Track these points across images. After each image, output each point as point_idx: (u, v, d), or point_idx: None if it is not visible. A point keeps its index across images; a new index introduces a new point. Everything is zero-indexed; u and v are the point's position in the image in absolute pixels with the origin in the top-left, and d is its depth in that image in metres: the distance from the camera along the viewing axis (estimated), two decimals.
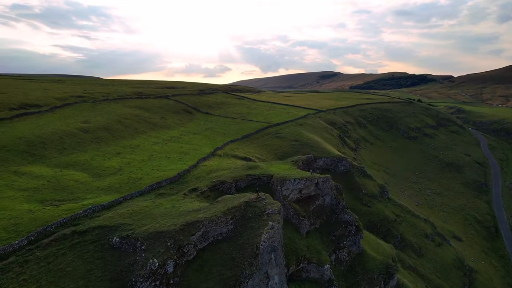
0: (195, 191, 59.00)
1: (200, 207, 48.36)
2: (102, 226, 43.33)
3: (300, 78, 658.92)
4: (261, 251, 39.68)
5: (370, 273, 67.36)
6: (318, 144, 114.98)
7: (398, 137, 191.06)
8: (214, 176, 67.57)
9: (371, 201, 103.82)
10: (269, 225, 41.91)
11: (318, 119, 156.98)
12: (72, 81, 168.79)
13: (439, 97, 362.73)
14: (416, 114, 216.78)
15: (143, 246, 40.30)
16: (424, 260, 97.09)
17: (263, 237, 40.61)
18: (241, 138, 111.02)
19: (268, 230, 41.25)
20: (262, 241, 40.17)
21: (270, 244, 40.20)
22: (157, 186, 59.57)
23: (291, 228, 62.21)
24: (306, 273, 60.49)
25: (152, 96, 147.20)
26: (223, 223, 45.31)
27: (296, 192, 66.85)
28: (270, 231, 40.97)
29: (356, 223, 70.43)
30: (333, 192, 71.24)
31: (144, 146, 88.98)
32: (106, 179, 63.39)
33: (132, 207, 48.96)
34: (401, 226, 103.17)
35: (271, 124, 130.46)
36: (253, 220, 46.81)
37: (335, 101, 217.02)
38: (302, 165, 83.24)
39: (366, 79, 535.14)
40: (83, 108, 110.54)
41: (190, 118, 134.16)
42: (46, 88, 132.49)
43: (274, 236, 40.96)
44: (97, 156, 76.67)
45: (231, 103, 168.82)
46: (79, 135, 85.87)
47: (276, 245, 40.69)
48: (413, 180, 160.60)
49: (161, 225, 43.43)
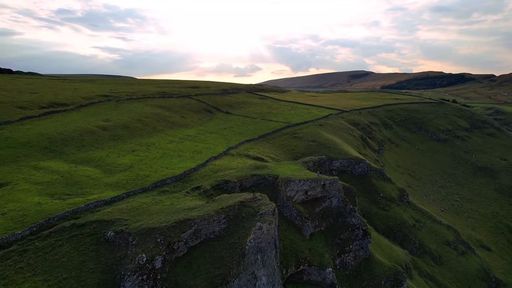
0: (198, 190, 59.89)
1: (196, 205, 49.07)
2: (99, 220, 45.17)
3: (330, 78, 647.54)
4: (247, 251, 39.61)
5: (377, 279, 65.12)
6: (335, 145, 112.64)
7: (426, 139, 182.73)
8: (220, 175, 68.22)
9: (388, 204, 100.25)
10: (257, 226, 41.70)
11: (341, 119, 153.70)
12: (102, 81, 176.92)
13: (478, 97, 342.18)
14: (448, 116, 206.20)
15: (135, 241, 41.58)
16: (444, 269, 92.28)
17: (249, 238, 40.51)
18: (258, 138, 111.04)
19: (255, 231, 41.08)
20: (248, 242, 40.08)
21: (256, 245, 40.01)
22: (161, 184, 61.12)
23: (293, 230, 61.55)
24: (308, 276, 59.60)
25: (175, 96, 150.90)
26: (216, 222, 45.69)
27: (301, 194, 65.97)
28: (257, 232, 40.78)
29: (363, 227, 68.34)
30: (341, 194, 69.55)
31: (159, 144, 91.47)
32: (115, 176, 65.91)
33: (131, 203, 50.62)
34: (420, 232, 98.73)
35: (290, 124, 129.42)
36: (246, 220, 46.81)
37: (361, 101, 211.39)
38: (312, 166, 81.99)
39: (398, 78, 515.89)
40: (107, 107, 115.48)
41: (210, 117, 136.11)
42: (76, 88, 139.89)
43: (261, 237, 40.70)
44: (112, 153, 79.83)
45: (252, 102, 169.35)
46: (98, 133, 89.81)
47: (263, 246, 40.41)
48: (440, 185, 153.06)
49: (154, 221, 44.57)
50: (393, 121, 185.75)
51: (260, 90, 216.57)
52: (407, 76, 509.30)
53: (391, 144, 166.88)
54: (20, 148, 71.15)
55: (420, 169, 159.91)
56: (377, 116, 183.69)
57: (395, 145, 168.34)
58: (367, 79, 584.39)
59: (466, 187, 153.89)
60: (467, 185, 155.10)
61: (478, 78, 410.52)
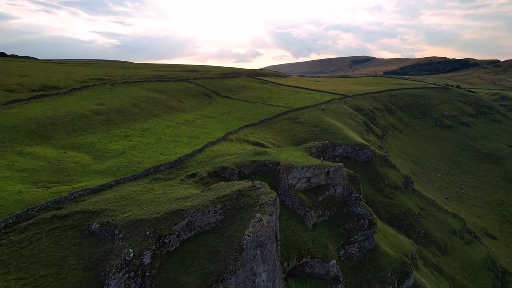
0: (194, 177, 55.58)
1: (190, 194, 44.80)
2: (84, 211, 40.98)
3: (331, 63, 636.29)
4: (245, 246, 35.48)
5: (383, 271, 61.46)
6: (339, 131, 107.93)
7: (431, 125, 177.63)
8: (217, 161, 63.82)
9: (393, 192, 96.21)
10: (256, 218, 37.46)
11: (343, 104, 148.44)
12: (98, 65, 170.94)
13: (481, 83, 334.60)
14: (453, 101, 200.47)
15: (121, 234, 37.43)
16: (450, 259, 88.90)
17: (248, 231, 36.32)
18: (258, 123, 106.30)
19: (254, 223, 36.87)
20: (246, 236, 35.88)
21: (256, 239, 35.87)
22: (154, 171, 56.79)
23: (295, 220, 57.54)
24: (310, 268, 55.91)
25: (173, 80, 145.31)
26: (211, 212, 41.48)
27: (304, 181, 61.71)
28: (256, 225, 36.59)
29: (369, 217, 64.32)
30: (346, 182, 65.28)
31: (154, 129, 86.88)
32: (106, 162, 61.57)
33: (120, 192, 46.35)
34: (425, 221, 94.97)
35: (292, 109, 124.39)
36: (244, 210, 42.59)
37: (364, 86, 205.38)
38: (315, 152, 77.48)
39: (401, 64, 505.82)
40: (101, 91, 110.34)
41: (209, 101, 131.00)
42: (70, 71, 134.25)
43: (261, 230, 36.56)
44: (105, 138, 75.33)
45: (253, 87, 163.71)
46: (91, 117, 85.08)
47: (263, 240, 36.29)
48: (444, 172, 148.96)
49: (143, 212, 40.35)
50: (397, 107, 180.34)
51: (261, 74, 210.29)
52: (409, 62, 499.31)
53: (395, 130, 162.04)
54: (5, 133, 66.57)
55: (424, 155, 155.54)
56: (380, 101, 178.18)
57: (399, 131, 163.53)
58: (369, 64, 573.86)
59: (470, 174, 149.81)
60: (472, 172, 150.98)
61: (483, 64, 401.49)
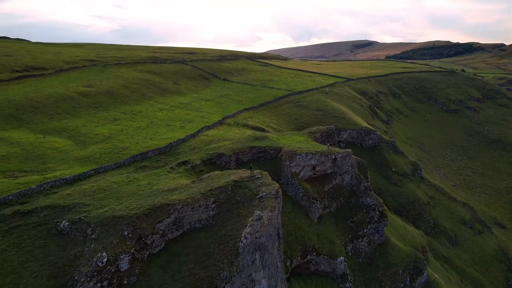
0: (185, 165, 49.06)
1: (178, 186, 38.33)
2: (53, 206, 34.56)
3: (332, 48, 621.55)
4: (242, 249, 29.22)
5: (394, 267, 55.77)
6: (343, 115, 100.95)
7: (436, 109, 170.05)
8: (212, 147, 57.20)
9: (401, 180, 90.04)
10: (255, 216, 31.07)
11: (347, 87, 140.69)
12: (92, 46, 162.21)
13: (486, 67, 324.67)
14: (459, 85, 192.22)
15: (94, 234, 31.12)
16: (460, 250, 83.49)
17: (245, 232, 29.97)
18: (258, 107, 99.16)
19: (253, 222, 30.50)
20: (243, 238, 29.55)
21: (254, 241, 29.59)
22: (141, 158, 50.19)
23: (299, 212, 51.37)
24: (315, 266, 50.10)
25: (168, 61, 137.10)
26: (203, 207, 35.09)
27: (308, 169, 55.29)
28: (255, 224, 30.25)
29: (380, 208, 58.21)
30: (354, 170, 58.87)
31: (146, 113, 79.92)
32: (89, 148, 54.98)
33: (99, 183, 39.88)
34: (434, 210, 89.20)
35: (293, 92, 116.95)
36: (242, 205, 36.19)
37: (367, 70, 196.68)
38: (320, 138, 70.80)
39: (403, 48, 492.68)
40: (91, 72, 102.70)
41: (206, 84, 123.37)
42: (59, 51, 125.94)
43: (261, 230, 30.28)
44: (90, 122, 68.54)
45: (252, 69, 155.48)
46: (77, 99, 78.01)
47: (263, 242, 30.05)
48: (450, 158, 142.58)
49: (122, 207, 33.95)
50: (402, 91, 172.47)
51: (261, 57, 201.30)
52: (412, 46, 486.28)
53: (400, 115, 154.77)
54: None
55: (430, 141, 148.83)
56: (384, 85, 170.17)
57: (404, 116, 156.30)
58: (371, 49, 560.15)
59: (478, 161, 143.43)
60: (479, 159, 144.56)
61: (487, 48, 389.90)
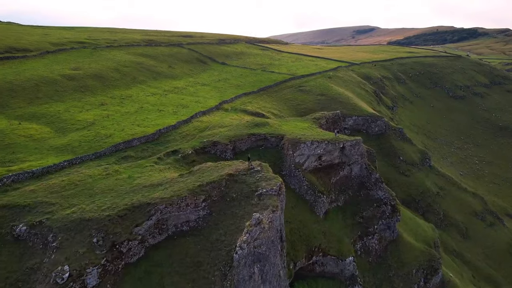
0: (175, 154, 42.91)
1: (163, 180, 32.24)
2: (10, 206, 28.54)
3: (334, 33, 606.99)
4: (237, 262, 23.31)
5: (407, 267, 50.29)
6: (348, 100, 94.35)
7: (442, 95, 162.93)
8: (207, 134, 50.95)
9: (409, 169, 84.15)
10: (253, 220, 25.01)
11: (351, 72, 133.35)
12: (83, 29, 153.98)
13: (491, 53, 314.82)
14: (466, 70, 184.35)
15: (56, 241, 25.18)
16: (472, 244, 78.23)
17: (241, 241, 23.97)
18: (257, 91, 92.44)
19: (251, 228, 24.49)
20: (238, 247, 23.57)
21: (252, 252, 23.65)
22: (125, 147, 43.93)
23: (303, 208, 45.51)
24: (321, 267, 44.50)
25: (164, 44, 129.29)
26: (191, 207, 29.09)
27: (313, 159, 49.18)
28: (253, 230, 24.26)
29: (392, 202, 52.36)
30: (364, 160, 52.75)
31: (137, 97, 73.36)
32: (68, 136, 48.70)
33: (71, 176, 33.79)
34: (444, 201, 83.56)
35: (295, 76, 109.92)
36: (238, 203, 30.18)
37: (371, 54, 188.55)
38: (326, 124, 64.47)
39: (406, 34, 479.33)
40: (80, 55, 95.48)
41: (203, 68, 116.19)
42: (47, 33, 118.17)
43: (261, 238, 24.34)
44: (75, 107, 62.07)
45: (252, 53, 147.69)
46: (62, 83, 71.29)
47: (263, 251, 24.15)
48: (457, 146, 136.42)
49: (93, 207, 27.93)
50: (407, 76, 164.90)
51: (261, 41, 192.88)
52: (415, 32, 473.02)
53: (405, 101, 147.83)
54: None
55: (436, 128, 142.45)
56: (389, 70, 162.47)
57: (409, 102, 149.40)
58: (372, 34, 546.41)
59: (485, 149, 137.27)
60: (487, 147, 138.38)
61: (492, 33, 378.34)
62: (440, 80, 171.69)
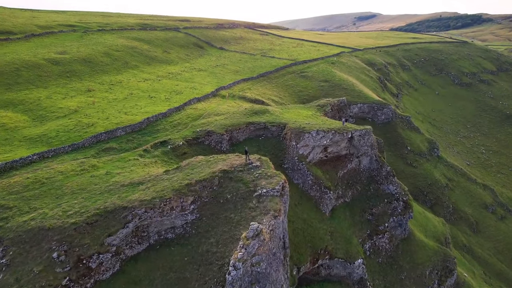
0: (164, 146, 37.74)
1: (145, 178, 27.13)
2: None
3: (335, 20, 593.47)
4: (230, 284, 18.32)
5: (420, 268, 45.75)
6: (353, 87, 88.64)
7: (448, 83, 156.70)
8: (201, 123, 45.68)
9: (417, 160, 79.13)
10: (251, 230, 19.75)
11: (354, 58, 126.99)
12: (76, 12, 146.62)
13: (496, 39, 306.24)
14: (472, 57, 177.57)
15: (6, 257, 20.20)
16: (482, 238, 73.87)
17: (235, 258, 18.88)
18: (257, 77, 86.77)
19: (248, 241, 19.38)
20: (232, 267, 18.54)
21: (250, 271, 18.60)
22: (108, 137, 38.68)
23: (308, 205, 40.62)
24: (327, 270, 39.88)
25: (159, 29, 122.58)
26: (177, 210, 24.07)
27: (319, 151, 44.08)
28: (250, 245, 19.13)
29: (404, 197, 47.47)
30: (374, 151, 47.61)
31: (127, 83, 67.74)
32: (46, 125, 43.45)
33: (39, 172, 28.69)
34: (453, 193, 78.89)
35: (297, 62, 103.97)
36: (233, 206, 25.13)
37: (374, 40, 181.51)
38: (331, 112, 59.13)
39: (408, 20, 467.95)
40: (68, 38, 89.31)
41: (200, 53, 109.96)
42: (35, 16, 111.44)
43: (260, 253, 19.32)
44: (58, 93, 56.62)
45: (251, 38, 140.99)
46: (46, 67, 65.57)
47: (263, 270, 19.17)
48: (463, 135, 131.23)
49: (58, 212, 22.90)
50: (412, 62, 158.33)
51: (261, 26, 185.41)
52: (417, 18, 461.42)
53: (410, 88, 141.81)
54: None
55: (441, 117, 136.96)
56: (393, 56, 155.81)
57: (414, 90, 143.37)
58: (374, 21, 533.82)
59: (492, 138, 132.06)
60: (494, 136, 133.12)
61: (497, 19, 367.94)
62: (446, 67, 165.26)
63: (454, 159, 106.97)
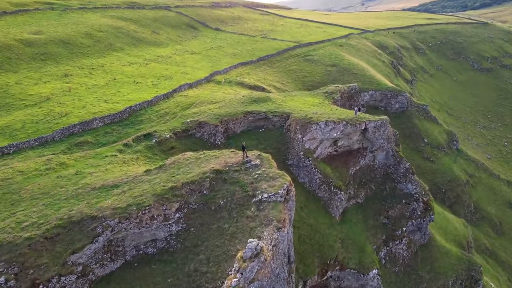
0: (148, 139, 34.64)
1: (121, 179, 24.06)
2: None
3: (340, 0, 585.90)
4: None
5: (442, 278, 43.10)
6: (363, 72, 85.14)
7: (467, 68, 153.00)
8: (192, 113, 42.47)
9: (435, 154, 76.13)
10: (248, 249, 16.41)
11: (364, 40, 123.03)
12: None
13: None
14: (493, 39, 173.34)
15: None
16: (507, 240, 71.41)
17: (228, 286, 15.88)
18: (257, 61, 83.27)
19: (245, 264, 16.18)
20: None
21: None
22: (82, 129, 35.48)
23: (315, 207, 37.75)
24: (337, 282, 37.23)
25: (148, 7, 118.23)
26: (159, 220, 21.08)
27: (328, 145, 41.02)
28: (247, 268, 15.90)
29: (424, 197, 44.54)
30: (391, 145, 44.56)
31: (110, 67, 64.28)
32: (12, 114, 40.26)
33: None
34: (475, 191, 76.21)
35: (300, 44, 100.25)
36: (227, 214, 22.09)
37: (385, 21, 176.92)
38: (341, 100, 55.86)
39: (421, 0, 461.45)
40: (44, 17, 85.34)
41: (194, 34, 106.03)
42: None
43: (260, 277, 16.24)
44: (29, 78, 53.27)
45: (251, 18, 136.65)
46: (17, 49, 62.05)
47: None
48: (483, 125, 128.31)
49: (10, 223, 19.88)
50: (427, 46, 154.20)
51: (261, 5, 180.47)
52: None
53: (425, 74, 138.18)
54: None
55: (459, 105, 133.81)
56: (407, 38, 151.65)
57: (429, 75, 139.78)
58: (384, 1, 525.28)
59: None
60: None
61: None
62: (464, 50, 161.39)
63: (474, 152, 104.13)
